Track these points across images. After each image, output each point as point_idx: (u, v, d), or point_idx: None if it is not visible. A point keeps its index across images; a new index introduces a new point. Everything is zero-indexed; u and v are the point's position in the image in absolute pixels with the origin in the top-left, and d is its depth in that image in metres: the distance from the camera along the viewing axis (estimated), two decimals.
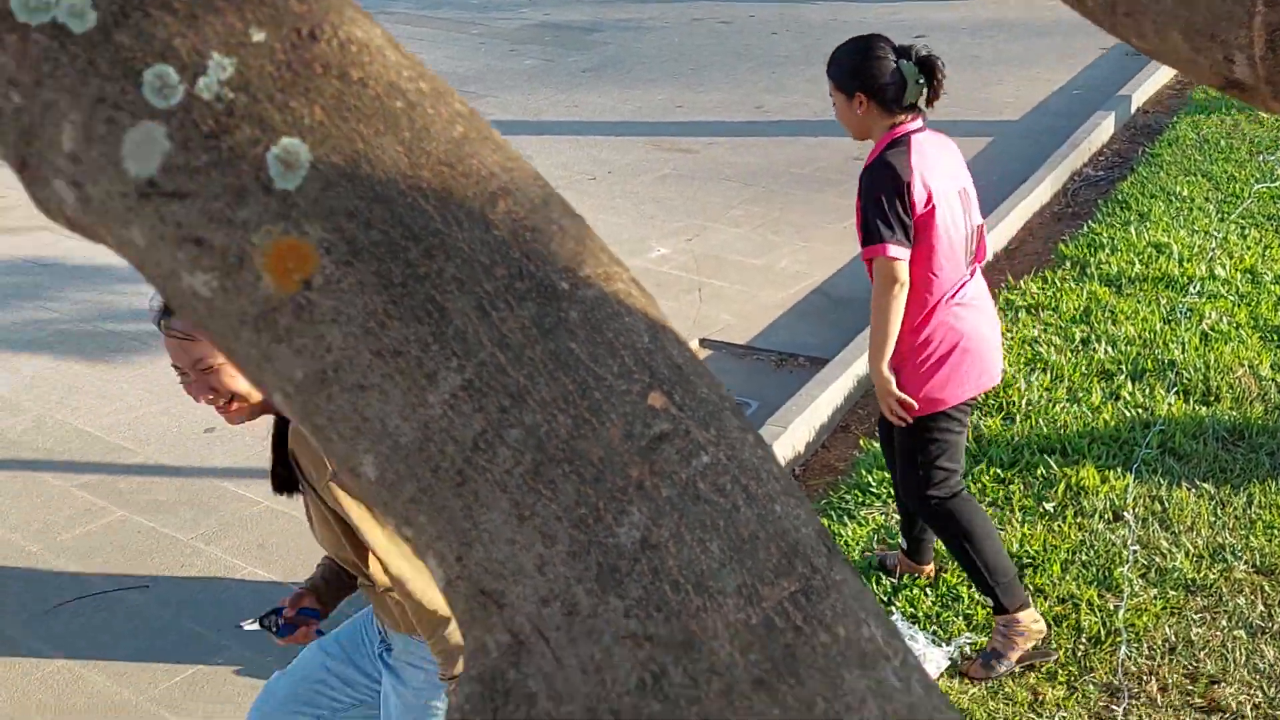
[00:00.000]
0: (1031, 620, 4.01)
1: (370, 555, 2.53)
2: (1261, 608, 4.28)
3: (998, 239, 7.17)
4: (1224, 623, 4.22)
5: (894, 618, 4.33)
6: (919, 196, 3.67)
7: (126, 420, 5.83)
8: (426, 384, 0.72)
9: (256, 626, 2.99)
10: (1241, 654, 4.07)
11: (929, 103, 3.76)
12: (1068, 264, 6.90)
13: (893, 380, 3.80)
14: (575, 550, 0.67)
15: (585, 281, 0.73)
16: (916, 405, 3.80)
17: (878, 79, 3.69)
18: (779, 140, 8.96)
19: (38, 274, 7.29)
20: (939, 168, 3.74)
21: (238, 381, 2.46)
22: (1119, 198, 7.74)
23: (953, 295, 3.79)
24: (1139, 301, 6.41)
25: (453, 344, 0.72)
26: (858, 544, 4.70)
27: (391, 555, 2.43)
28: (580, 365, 0.71)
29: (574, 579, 0.66)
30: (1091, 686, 3.97)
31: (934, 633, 4.22)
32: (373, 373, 0.73)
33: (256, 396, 2.50)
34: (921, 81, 3.70)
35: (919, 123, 3.75)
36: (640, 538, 0.66)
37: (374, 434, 0.74)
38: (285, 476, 2.59)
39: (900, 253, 3.66)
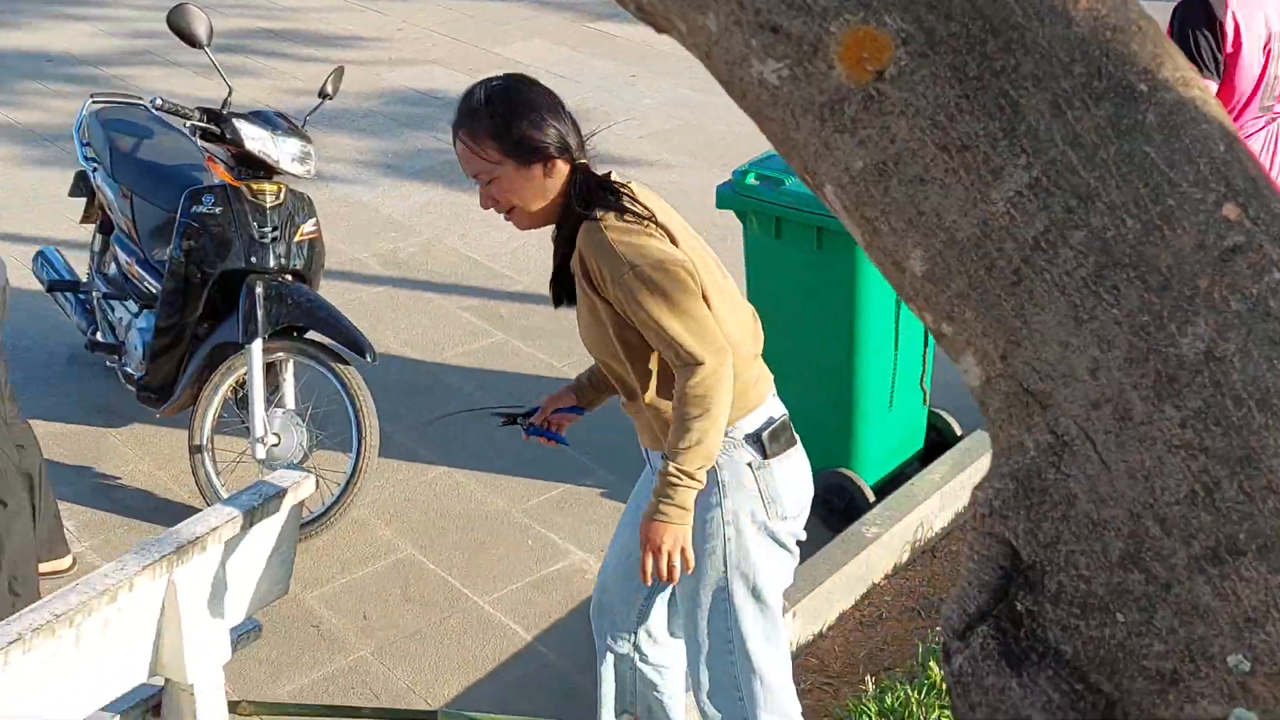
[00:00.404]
0: None
1: (634, 363, 2.65)
2: None
3: None
4: None
5: None
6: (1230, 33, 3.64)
7: (508, 249, 6.10)
8: (991, 180, 0.72)
9: (503, 424, 3.18)
10: None
11: None
12: None
13: None
14: (1133, 357, 0.66)
15: (1163, 85, 0.70)
16: None
17: None
18: None
19: (428, 105, 7.66)
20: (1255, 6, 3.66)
21: (513, 195, 2.64)
22: None
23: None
24: None
25: (1023, 140, 0.71)
26: None
27: (683, 342, 2.53)
28: (1154, 170, 0.69)
29: (1129, 385, 0.65)
30: None
31: None
32: (935, 166, 0.74)
33: (534, 207, 2.65)
34: None
35: None
36: (1204, 349, 0.65)
37: (928, 228, 0.75)
38: (558, 287, 2.73)
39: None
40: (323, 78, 4.71)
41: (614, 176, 2.72)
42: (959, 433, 4.59)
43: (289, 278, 4.32)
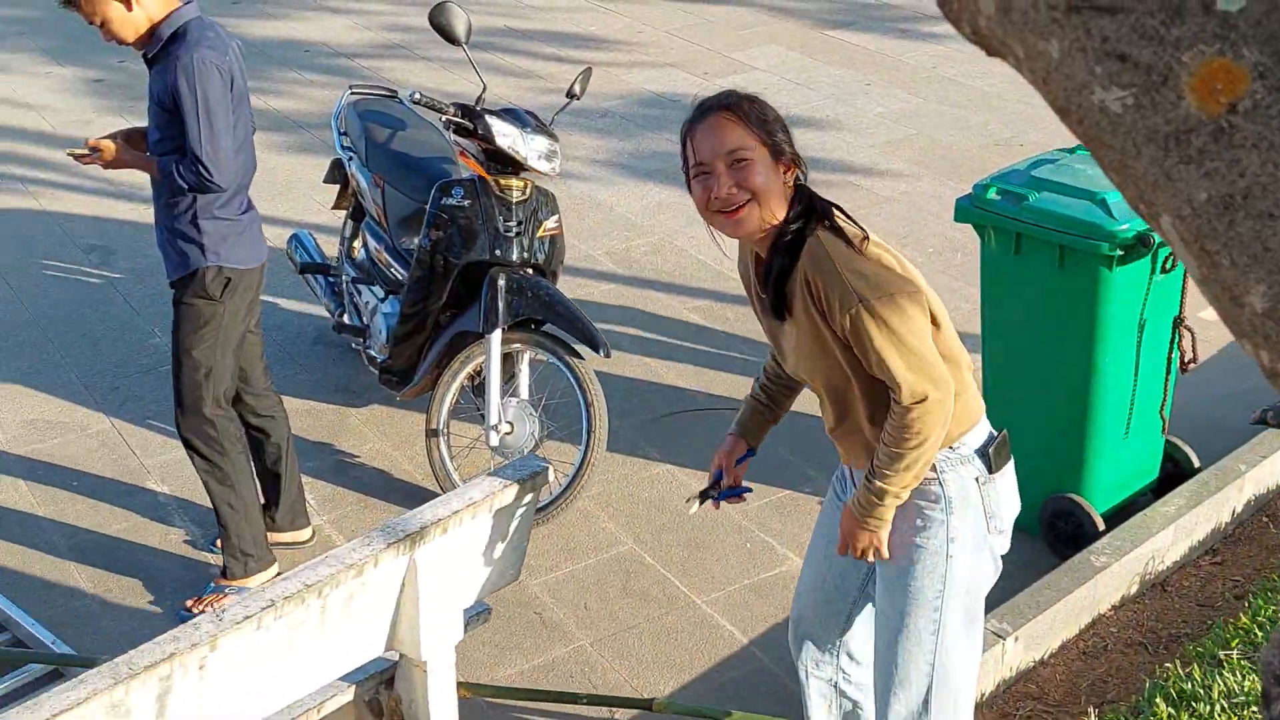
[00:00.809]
0: None
1: (860, 384, 2.62)
2: None
3: None
4: None
5: None
6: None
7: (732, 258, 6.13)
8: None
9: (697, 508, 3.09)
10: None
11: None
12: None
13: None
14: None
15: None
16: None
17: None
18: None
19: (664, 107, 7.75)
20: None
21: (760, 182, 2.55)
22: None
23: None
24: None
25: None
26: None
27: (905, 377, 2.52)
28: None
29: None
30: None
31: None
32: None
33: (772, 203, 2.57)
34: None
35: None
36: None
37: (1273, 264, 0.74)
38: (777, 304, 2.66)
39: None
40: (565, 76, 4.83)
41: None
42: (1197, 464, 4.43)
43: (530, 271, 4.44)
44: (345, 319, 5.04)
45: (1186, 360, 4.16)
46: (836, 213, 2.64)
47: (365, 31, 9.21)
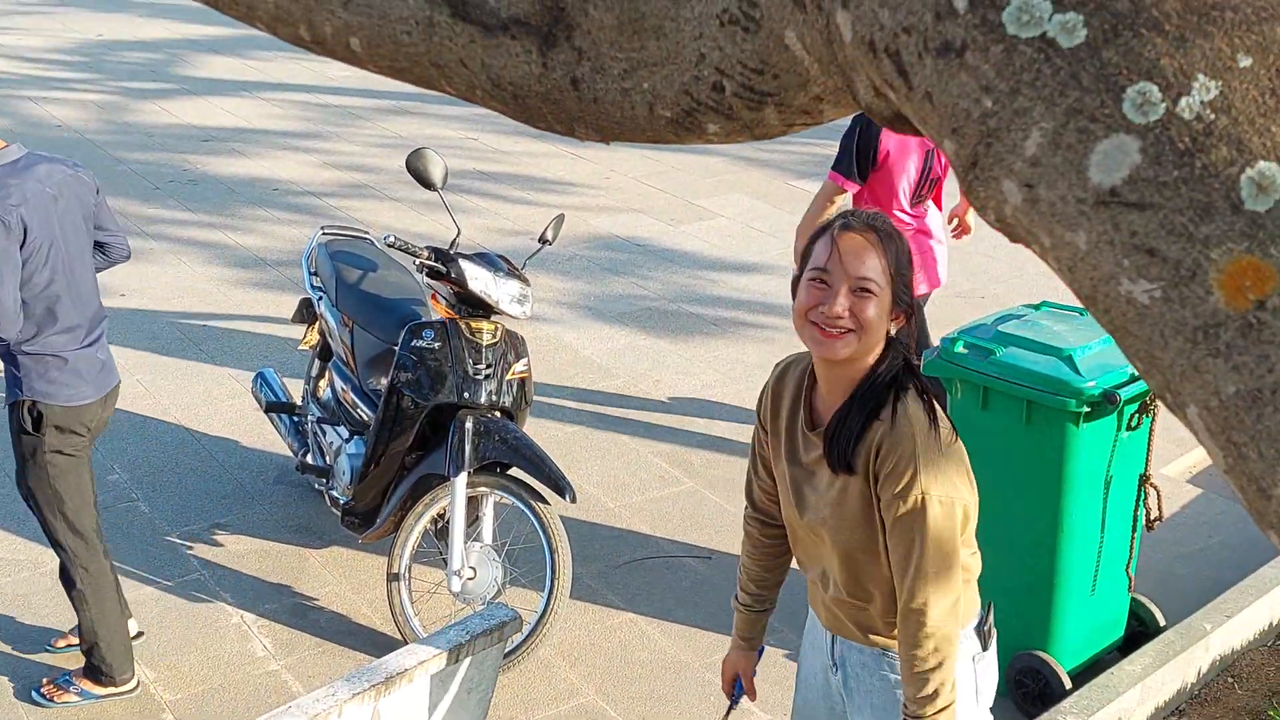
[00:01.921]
0: None
1: (884, 567, 2.53)
2: None
3: None
4: None
5: None
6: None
7: (700, 398, 6.16)
8: None
9: None
10: None
11: None
12: None
13: None
14: None
15: None
16: None
17: None
18: None
19: (632, 252, 7.83)
20: None
21: (873, 319, 2.44)
22: None
23: None
24: None
25: None
26: None
27: (928, 582, 2.43)
28: None
29: None
30: None
31: None
32: None
33: (871, 343, 2.46)
34: None
35: None
36: None
37: None
38: (838, 455, 2.51)
39: None
40: (533, 219, 4.88)
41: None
42: (1162, 623, 4.42)
43: (498, 414, 4.43)
44: (309, 459, 4.99)
45: (1152, 518, 4.18)
46: (934, 393, 2.54)
47: (334, 171, 9.30)
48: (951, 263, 7.54)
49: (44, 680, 4.21)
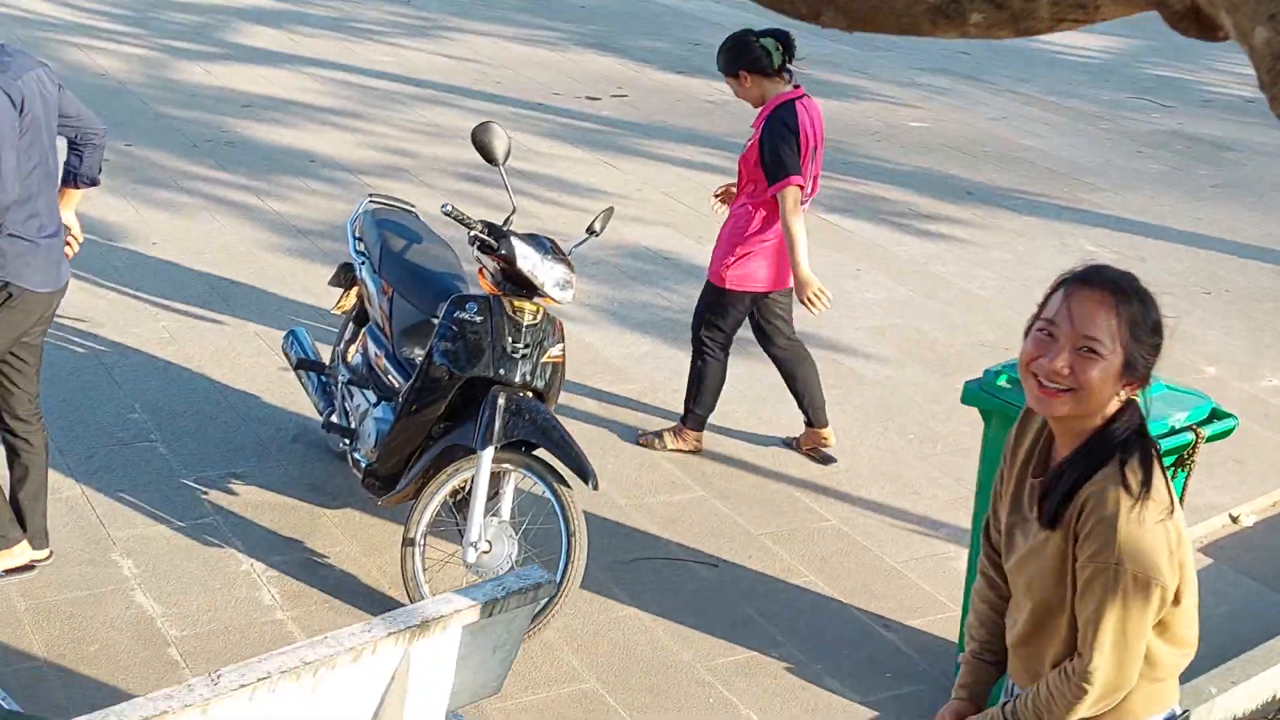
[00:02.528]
0: None
1: (1067, 627, 2.47)
2: None
3: None
4: None
5: None
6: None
7: (720, 412, 6.18)
8: None
9: None
10: None
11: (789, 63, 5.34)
12: None
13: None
14: None
15: None
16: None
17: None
18: None
19: (658, 263, 7.87)
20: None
21: (1093, 382, 2.37)
22: None
23: None
24: None
25: None
26: None
27: (1103, 655, 2.38)
28: None
29: None
30: None
31: None
32: None
33: (1092, 408, 2.40)
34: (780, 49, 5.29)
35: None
36: None
37: None
38: (1053, 510, 2.44)
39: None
40: (561, 220, 4.92)
41: None
42: None
43: (529, 394, 4.46)
44: (334, 419, 5.01)
45: None
46: (1156, 466, 2.44)
47: (369, 150, 9.35)
48: (974, 312, 7.60)
49: None
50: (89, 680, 3.95)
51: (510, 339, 4.42)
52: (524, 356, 4.44)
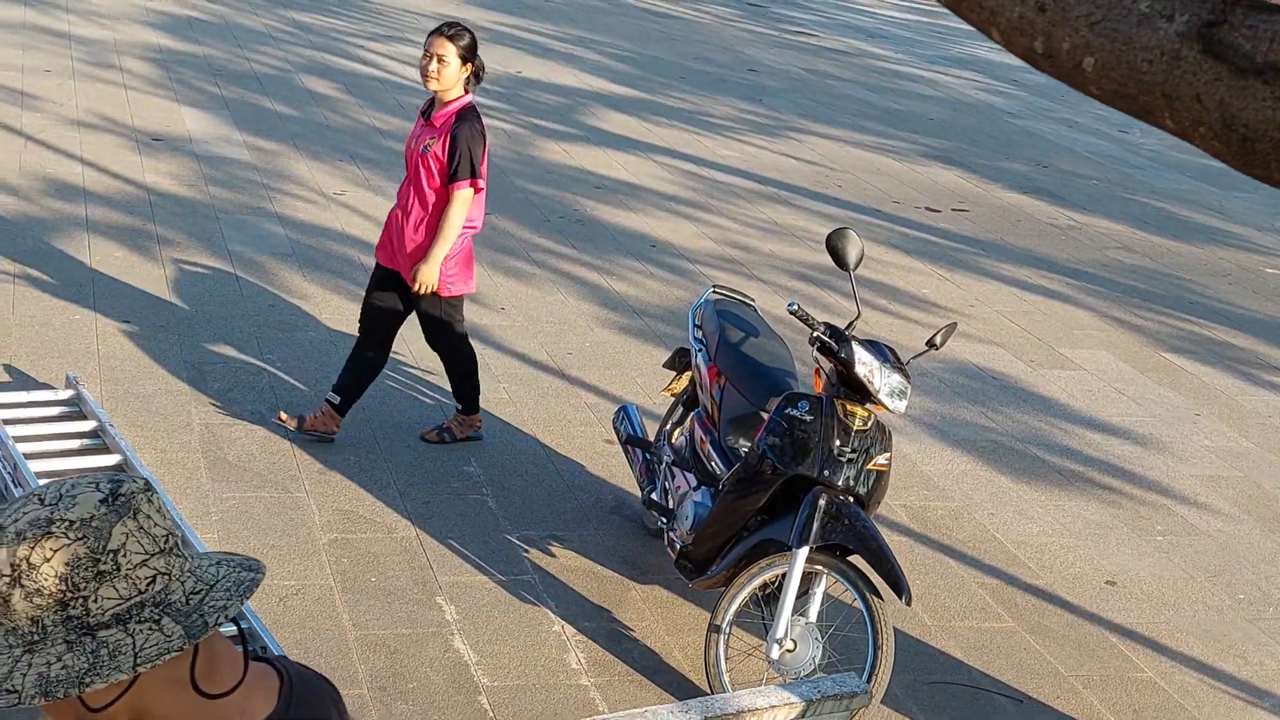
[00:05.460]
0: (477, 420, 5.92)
1: None
2: None
3: None
4: None
5: None
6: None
7: (1037, 543, 6.02)
8: None
9: None
10: None
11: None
12: None
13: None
14: None
15: None
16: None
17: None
18: None
19: (986, 383, 7.75)
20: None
21: None
22: None
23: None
24: None
25: None
26: None
27: None
28: None
29: None
30: None
31: None
32: None
33: None
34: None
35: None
36: None
37: None
38: None
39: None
40: (886, 328, 4.90)
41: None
42: None
43: (851, 499, 4.47)
44: (654, 496, 5.15)
45: None
46: None
47: (709, 241, 9.59)
48: None
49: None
50: (404, 716, 4.15)
51: (839, 441, 4.45)
52: (850, 461, 4.45)
